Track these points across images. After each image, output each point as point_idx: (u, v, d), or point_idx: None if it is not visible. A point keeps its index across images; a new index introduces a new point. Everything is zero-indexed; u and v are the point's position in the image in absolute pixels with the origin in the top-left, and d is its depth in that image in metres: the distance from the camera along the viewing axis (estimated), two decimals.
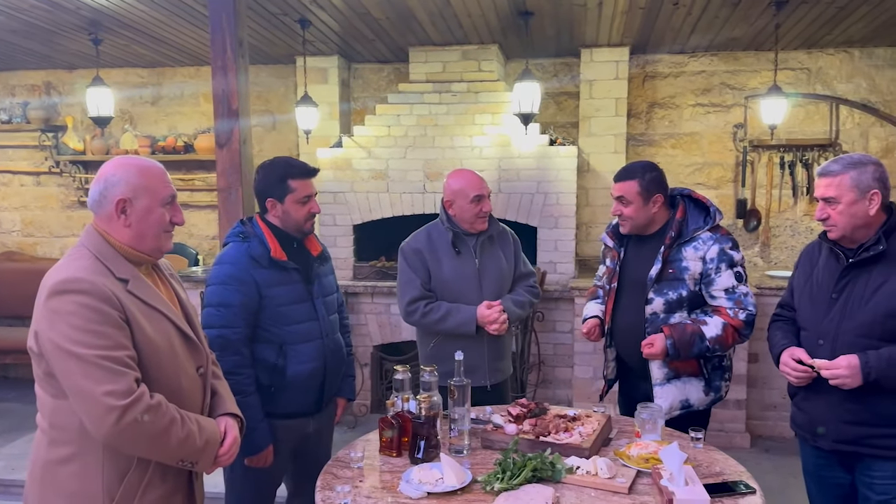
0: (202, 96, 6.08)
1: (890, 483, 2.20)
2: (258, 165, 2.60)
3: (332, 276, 2.74)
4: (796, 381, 2.30)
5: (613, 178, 2.72)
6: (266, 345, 2.45)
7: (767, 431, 4.68)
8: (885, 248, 2.16)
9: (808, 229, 5.42)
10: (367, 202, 5.14)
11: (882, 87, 5.24)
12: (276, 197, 2.50)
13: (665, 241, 2.65)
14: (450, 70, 5.19)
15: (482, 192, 2.90)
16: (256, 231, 2.50)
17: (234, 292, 2.38)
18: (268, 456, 2.44)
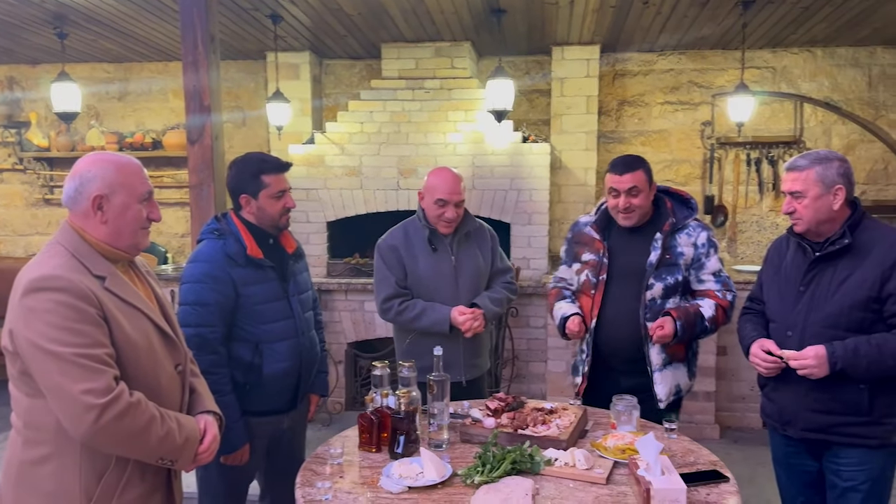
0: (171, 92, 6.00)
1: (856, 469, 2.27)
2: (230, 161, 2.57)
3: (307, 273, 2.73)
4: (766, 372, 2.36)
5: (616, 172, 2.69)
6: (242, 343, 2.43)
7: (736, 422, 4.79)
8: (850, 241, 2.23)
9: (773, 225, 5.55)
10: (340, 199, 5.12)
11: (844, 85, 5.38)
12: (250, 193, 2.47)
13: (663, 228, 2.71)
14: (423, 67, 5.20)
15: (448, 198, 2.84)
16: (231, 228, 2.47)
17: (211, 291, 2.35)
18: (244, 454, 2.43)
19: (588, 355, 2.79)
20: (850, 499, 2.29)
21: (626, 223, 2.73)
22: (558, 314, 2.85)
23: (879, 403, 2.22)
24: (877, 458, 2.26)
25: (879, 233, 2.25)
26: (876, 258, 2.19)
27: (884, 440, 2.24)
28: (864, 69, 5.34)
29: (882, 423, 2.23)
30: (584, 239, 2.88)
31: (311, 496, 1.99)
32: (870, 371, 2.16)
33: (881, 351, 2.14)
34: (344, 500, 1.98)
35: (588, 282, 2.80)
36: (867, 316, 2.20)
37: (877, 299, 2.19)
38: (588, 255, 2.83)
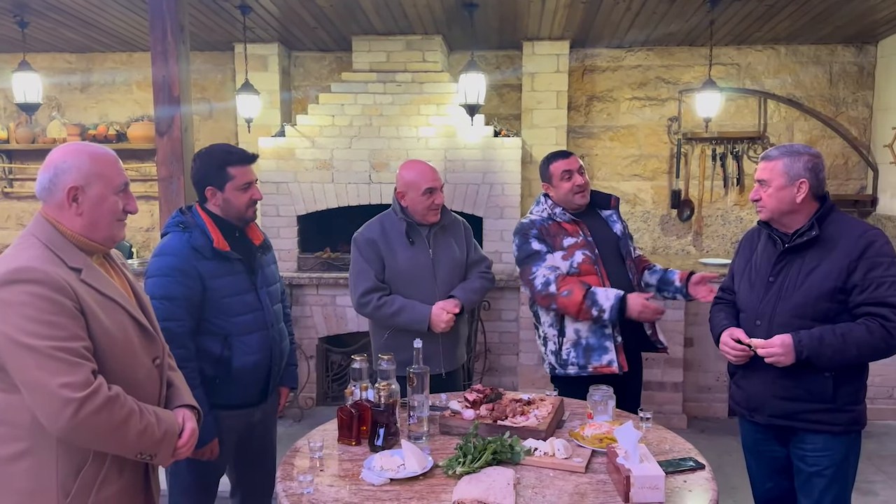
0: (135, 83, 5.88)
1: (821, 455, 2.34)
2: (195, 154, 2.54)
3: (275, 265, 2.70)
4: (735, 360, 2.42)
5: (563, 157, 3.02)
6: (210, 337, 2.40)
7: (703, 412, 4.89)
8: (818, 233, 2.30)
9: (738, 219, 5.67)
10: (311, 192, 5.08)
11: (806, 82, 5.51)
12: (216, 185, 2.44)
13: (612, 205, 3.11)
14: (394, 60, 5.18)
15: (434, 185, 2.91)
16: (197, 221, 2.43)
17: (178, 284, 2.32)
18: (213, 448, 2.40)
19: (616, 325, 2.87)
20: (815, 484, 2.36)
21: (583, 200, 3.00)
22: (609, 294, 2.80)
23: (843, 391, 2.29)
24: (841, 443, 2.32)
25: (846, 226, 2.32)
26: (842, 250, 2.26)
27: (847, 427, 2.31)
28: (826, 66, 5.49)
29: (846, 410, 2.30)
30: (552, 230, 2.94)
31: (292, 489, 1.98)
32: (834, 359, 2.22)
33: (845, 340, 2.20)
34: (326, 492, 1.97)
35: (588, 259, 2.90)
36: (833, 306, 2.27)
37: (842, 290, 2.25)
38: (570, 239, 2.92)
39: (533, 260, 2.92)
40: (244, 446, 2.61)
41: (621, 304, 2.77)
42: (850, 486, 2.41)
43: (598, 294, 2.80)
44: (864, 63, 5.45)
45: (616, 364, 2.86)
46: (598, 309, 2.78)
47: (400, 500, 1.91)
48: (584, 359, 2.90)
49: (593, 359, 2.89)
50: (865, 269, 2.22)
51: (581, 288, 2.81)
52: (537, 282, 2.89)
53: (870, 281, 2.22)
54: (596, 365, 2.88)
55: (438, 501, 1.90)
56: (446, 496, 1.92)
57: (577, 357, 2.92)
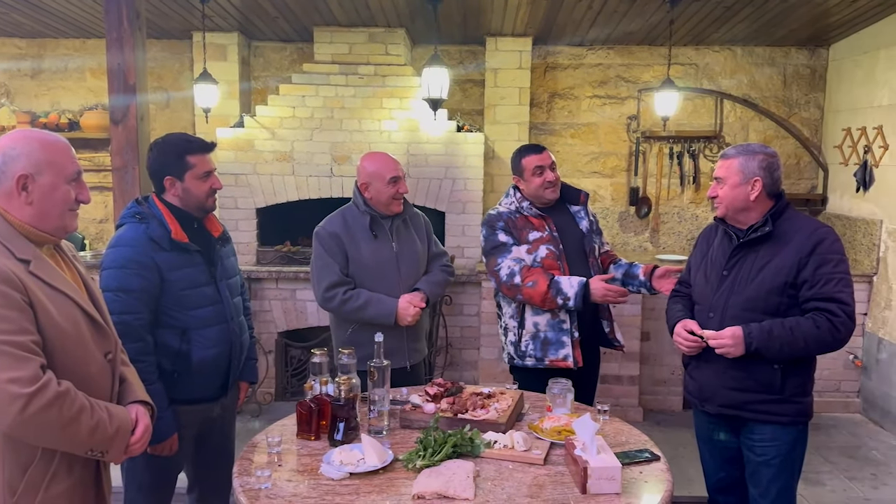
0: (89, 71, 5.72)
1: (769, 445, 2.41)
2: (151, 143, 2.49)
3: (234, 257, 2.66)
4: (687, 351, 2.49)
5: (536, 152, 3.03)
6: (168, 330, 2.36)
7: (658, 405, 4.98)
8: (771, 229, 2.37)
9: (693, 216, 5.78)
10: (271, 185, 5.02)
11: (761, 83, 5.64)
12: (175, 174, 2.39)
13: (580, 201, 3.13)
14: (356, 52, 5.14)
15: (398, 174, 2.92)
16: (154, 211, 2.38)
17: (135, 276, 2.26)
18: (172, 444, 2.36)
19: (573, 321, 2.96)
20: (763, 473, 2.44)
21: (553, 196, 3.02)
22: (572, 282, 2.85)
23: (791, 383, 2.36)
24: (788, 434, 2.40)
25: (799, 223, 2.40)
26: (794, 247, 2.33)
27: (794, 418, 2.39)
28: (780, 68, 5.62)
29: (793, 402, 2.38)
30: (519, 223, 2.99)
31: (249, 485, 1.96)
32: (782, 352, 2.30)
33: (794, 333, 2.28)
34: (284, 487, 1.95)
35: (551, 254, 2.94)
36: (783, 301, 2.34)
37: (793, 285, 2.33)
38: (536, 234, 2.96)
39: (499, 251, 2.95)
40: (203, 442, 2.57)
41: (585, 290, 2.83)
42: (797, 475, 2.49)
43: (561, 283, 2.85)
44: (816, 66, 5.60)
45: (571, 359, 2.92)
46: (563, 297, 2.84)
47: (359, 494, 1.91)
48: (542, 352, 2.96)
49: (550, 352, 2.95)
50: (815, 266, 2.30)
51: (545, 278, 2.86)
52: (502, 273, 2.93)
53: (819, 277, 2.29)
54: (552, 358, 2.94)
55: (398, 495, 1.90)
56: (406, 490, 1.92)
57: (534, 350, 2.98)
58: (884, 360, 4.70)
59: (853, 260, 5.02)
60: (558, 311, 2.92)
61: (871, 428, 4.73)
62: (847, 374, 4.97)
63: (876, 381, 4.78)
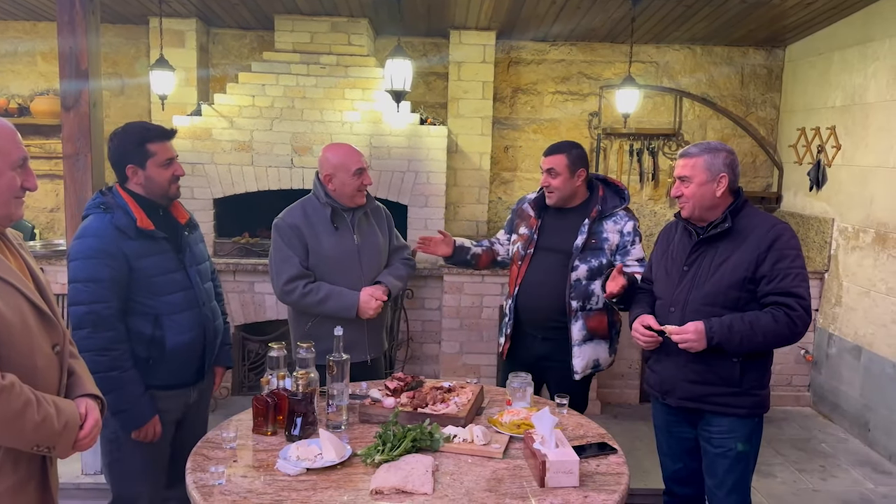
0: (40, 55, 5.52)
1: (726, 437, 2.47)
2: (111, 133, 2.49)
3: (203, 244, 2.69)
4: (644, 346, 2.54)
5: (543, 154, 3.01)
6: (140, 317, 2.38)
7: (615, 399, 5.04)
8: (731, 226, 2.42)
9: (652, 212, 5.85)
10: (229, 175, 4.92)
11: (719, 82, 5.73)
12: (137, 163, 2.41)
13: (591, 215, 2.95)
14: (318, 41, 5.06)
15: (363, 165, 2.89)
16: (119, 201, 2.40)
17: (103, 266, 2.29)
18: (155, 426, 2.39)
19: (510, 319, 3.07)
20: (719, 464, 2.49)
21: (548, 201, 3.01)
22: None
23: (749, 376, 2.42)
24: (745, 426, 2.46)
25: (757, 219, 2.45)
26: (752, 242, 2.38)
27: (751, 410, 2.45)
28: (738, 68, 5.72)
29: (751, 394, 2.44)
30: (523, 214, 3.13)
31: (203, 481, 1.92)
32: (742, 345, 2.35)
33: (753, 327, 2.33)
34: (239, 483, 1.92)
35: (518, 253, 3.07)
36: (742, 295, 2.39)
37: (751, 280, 2.38)
38: (523, 230, 3.09)
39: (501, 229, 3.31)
40: (182, 427, 2.58)
41: None
42: (752, 467, 2.54)
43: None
44: (773, 66, 5.71)
45: (501, 348, 3.16)
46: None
47: (316, 490, 1.88)
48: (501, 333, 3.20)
49: (499, 338, 3.22)
50: (773, 261, 2.35)
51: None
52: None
53: (777, 272, 2.34)
54: (500, 342, 3.19)
55: (356, 490, 1.88)
56: (364, 485, 1.91)
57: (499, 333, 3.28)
58: (833, 356, 4.83)
59: (806, 257, 5.14)
60: (507, 303, 3.12)
61: (820, 421, 4.87)
62: (798, 369, 5.09)
63: (826, 375, 4.92)
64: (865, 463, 4.17)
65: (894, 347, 4.21)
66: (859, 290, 4.58)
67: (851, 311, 4.66)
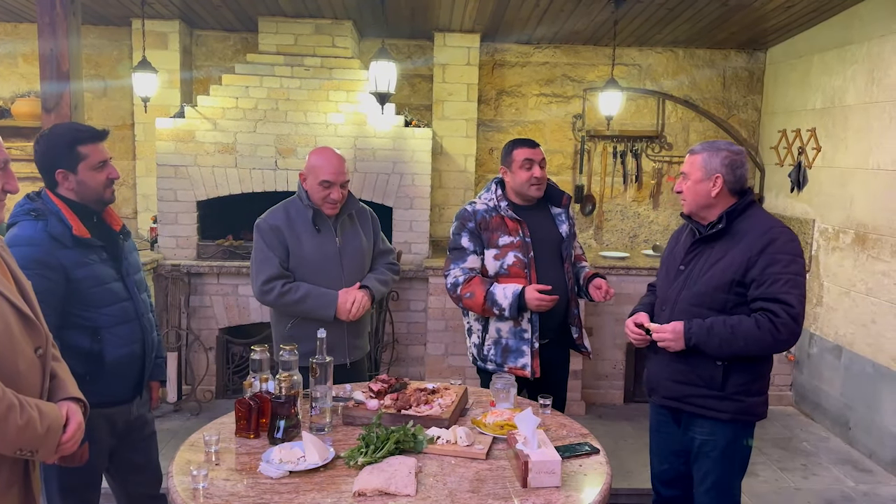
0: (21, 56, 5.48)
1: (709, 438, 2.47)
2: (37, 136, 2.35)
3: (136, 252, 2.57)
4: (635, 343, 2.57)
5: (528, 146, 2.97)
6: (77, 331, 2.26)
7: (600, 399, 5.07)
8: (725, 227, 2.39)
9: (635, 214, 5.89)
10: (212, 177, 4.90)
11: (701, 85, 5.79)
12: (67, 167, 2.27)
13: (563, 203, 3.04)
14: (302, 43, 5.06)
15: (333, 179, 2.81)
16: (51, 207, 2.25)
17: (39, 277, 2.08)
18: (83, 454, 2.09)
19: (534, 332, 2.91)
20: (701, 463, 2.50)
21: (537, 194, 2.96)
22: (507, 292, 2.83)
23: (733, 381, 2.39)
24: (728, 429, 2.44)
25: (755, 221, 2.40)
26: (745, 245, 2.35)
27: (734, 415, 2.42)
28: (720, 70, 5.77)
29: (733, 399, 2.41)
30: (493, 224, 2.94)
31: (185, 484, 1.91)
32: (722, 349, 2.33)
33: (734, 332, 2.31)
34: (221, 487, 1.91)
35: (519, 262, 2.90)
36: (730, 298, 2.36)
37: (741, 283, 2.34)
38: (507, 238, 2.91)
39: (455, 256, 2.96)
40: (124, 445, 2.47)
41: (520, 299, 2.82)
42: (739, 471, 2.52)
43: (496, 294, 2.85)
44: (754, 68, 5.77)
45: (529, 369, 2.92)
46: (499, 308, 2.84)
47: (299, 493, 1.88)
48: (502, 358, 2.96)
49: (510, 360, 2.95)
50: (764, 265, 2.31)
51: (482, 289, 2.86)
52: (448, 280, 2.96)
53: (766, 276, 2.30)
54: (511, 366, 2.94)
55: (339, 493, 1.88)
56: (347, 487, 1.91)
57: (495, 355, 2.98)
58: (815, 355, 4.89)
59: None
60: (520, 320, 2.90)
61: (802, 420, 4.92)
62: (780, 368, 5.15)
63: (807, 374, 4.98)
64: (846, 461, 4.22)
65: (874, 347, 4.26)
66: (839, 290, 4.63)
67: (832, 311, 4.72)
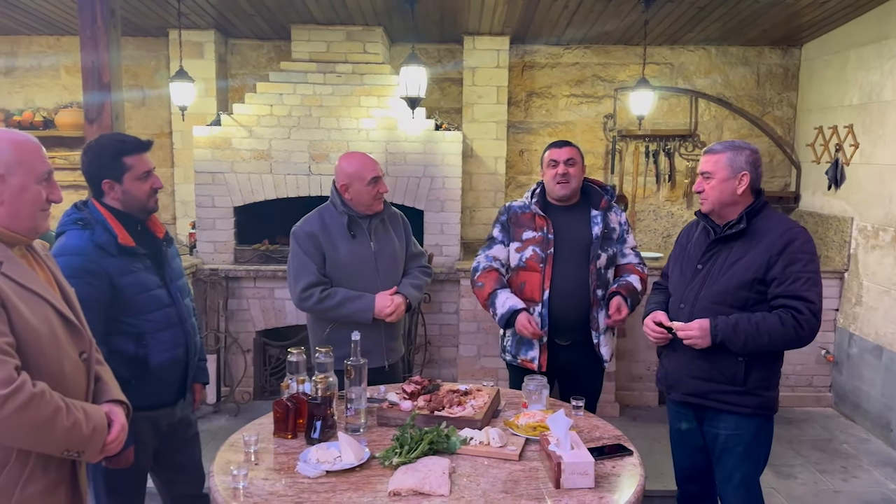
0: (63, 68, 5.65)
1: (732, 433, 2.50)
2: (84, 146, 2.42)
3: (179, 259, 2.63)
4: (654, 341, 2.60)
5: (555, 147, 3.05)
6: (123, 336, 2.31)
7: (634, 401, 5.04)
8: (746, 226, 2.45)
9: (669, 214, 5.84)
10: (248, 183, 5.00)
11: (735, 82, 5.72)
12: (113, 177, 2.33)
13: (601, 206, 3.05)
14: (334, 50, 5.13)
15: (378, 174, 2.92)
16: (97, 217, 2.31)
17: (86, 286, 2.15)
18: (128, 456, 2.17)
19: (543, 326, 2.97)
20: (726, 460, 2.53)
21: (563, 192, 2.99)
22: (505, 304, 2.96)
23: (755, 376, 2.45)
24: (751, 424, 2.49)
25: (774, 222, 2.47)
26: (765, 244, 2.41)
27: (756, 409, 2.47)
28: (754, 68, 5.70)
29: (755, 394, 2.46)
30: (522, 220, 3.06)
31: (226, 484, 1.97)
32: (747, 345, 2.38)
33: (759, 328, 2.36)
34: (260, 486, 1.96)
35: (536, 256, 2.99)
36: (751, 296, 2.42)
37: (762, 281, 2.40)
38: (530, 233, 3.02)
39: (486, 244, 3.14)
40: (168, 446, 2.53)
41: (511, 317, 2.93)
42: (762, 465, 2.57)
43: (498, 298, 2.98)
44: (789, 65, 5.68)
45: (537, 362, 3.00)
46: (494, 311, 2.99)
47: (336, 492, 1.92)
48: (516, 349, 3.07)
49: (522, 352, 3.05)
50: (785, 264, 2.37)
51: (491, 287, 3.00)
52: (474, 264, 3.14)
53: (787, 275, 2.36)
54: (523, 358, 3.04)
55: (374, 492, 1.92)
56: (382, 487, 1.94)
57: (511, 346, 3.09)
58: (854, 355, 4.79)
59: (825, 256, 5.11)
60: (532, 312, 2.96)
61: (842, 422, 4.83)
62: (819, 369, 5.06)
63: (847, 375, 4.88)
64: (888, 463, 4.13)
65: None
66: (879, 289, 4.54)
67: (872, 311, 4.62)
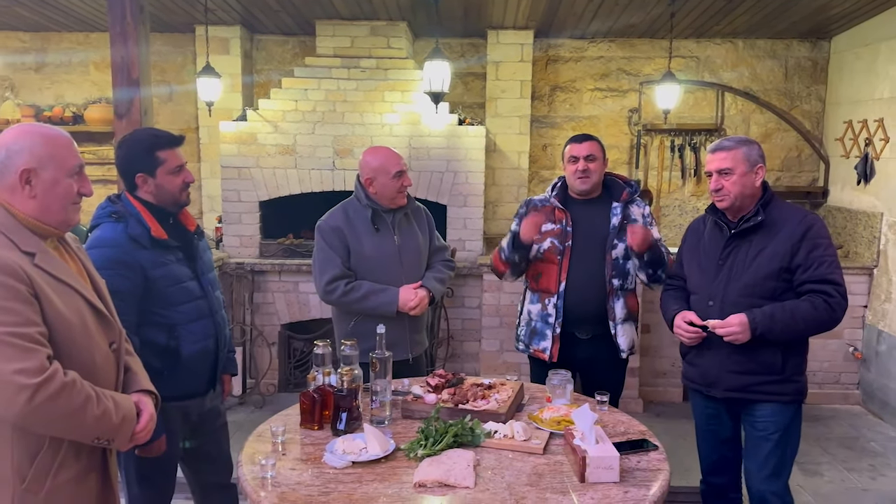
0: (92, 64, 5.74)
1: (769, 421, 2.53)
2: (119, 141, 2.44)
3: (209, 252, 2.67)
4: (688, 341, 2.58)
5: (575, 142, 3.03)
6: (155, 328, 2.35)
7: (658, 397, 5.01)
8: (763, 218, 2.48)
9: (694, 209, 5.79)
10: (273, 178, 5.04)
11: (762, 76, 5.64)
12: (146, 171, 2.36)
13: (622, 198, 3.03)
14: (358, 45, 5.15)
15: (402, 168, 2.94)
16: (130, 210, 2.35)
17: (120, 278, 2.20)
18: (160, 445, 2.23)
19: (558, 318, 2.99)
20: (762, 447, 2.55)
21: (583, 186, 2.99)
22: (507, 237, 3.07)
23: (791, 364, 2.49)
24: (787, 411, 2.52)
25: (787, 211, 2.52)
26: (786, 233, 2.45)
27: (793, 396, 2.52)
28: (781, 61, 5.62)
29: (793, 381, 2.51)
30: (543, 212, 3.07)
31: (254, 473, 1.99)
32: (784, 333, 2.41)
33: (794, 316, 2.39)
34: (287, 476, 1.99)
35: (554, 248, 3.01)
36: (779, 285, 2.46)
37: (788, 269, 2.44)
38: (549, 226, 3.03)
39: (507, 238, 3.14)
40: (198, 436, 2.58)
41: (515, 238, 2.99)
42: (795, 450, 2.60)
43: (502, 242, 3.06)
44: (818, 58, 5.59)
45: (548, 353, 3.01)
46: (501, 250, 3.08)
47: (362, 483, 1.94)
48: (529, 339, 3.10)
49: (534, 342, 3.07)
50: (808, 250, 2.42)
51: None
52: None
53: (812, 260, 2.41)
54: (535, 348, 3.07)
55: (400, 483, 1.93)
56: (408, 478, 1.95)
57: (525, 336, 3.12)
58: (883, 353, 4.72)
59: (854, 252, 5.03)
60: (547, 304, 3.00)
61: (870, 419, 4.75)
62: (847, 366, 4.98)
63: (875, 373, 4.80)
64: None
65: None
66: None
67: None
